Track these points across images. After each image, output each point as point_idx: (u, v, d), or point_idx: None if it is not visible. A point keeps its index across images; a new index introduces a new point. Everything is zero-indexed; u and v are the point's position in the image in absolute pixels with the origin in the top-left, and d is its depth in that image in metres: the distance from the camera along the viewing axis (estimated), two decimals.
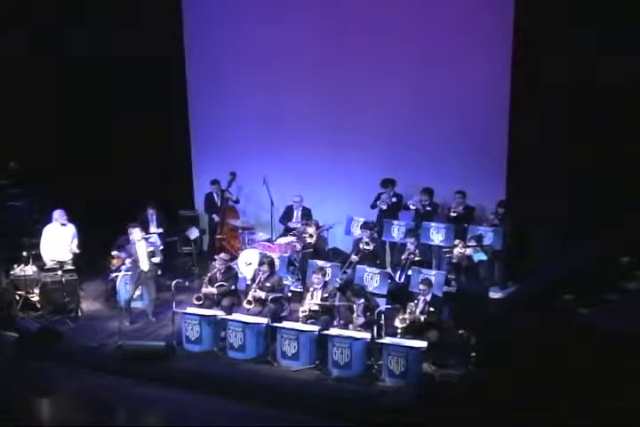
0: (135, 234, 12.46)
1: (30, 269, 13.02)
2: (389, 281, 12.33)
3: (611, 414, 8.56)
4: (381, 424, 9.87)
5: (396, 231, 13.56)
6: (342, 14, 14.21)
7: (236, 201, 15.06)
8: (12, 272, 12.97)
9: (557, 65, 12.47)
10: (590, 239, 11.69)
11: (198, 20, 15.48)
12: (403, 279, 12.45)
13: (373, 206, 13.93)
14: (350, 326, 11.13)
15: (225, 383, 10.77)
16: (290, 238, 13.89)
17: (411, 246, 12.63)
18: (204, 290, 12.00)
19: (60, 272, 12.71)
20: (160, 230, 14.15)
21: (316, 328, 11.10)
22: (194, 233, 14.48)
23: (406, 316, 10.95)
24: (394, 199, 13.83)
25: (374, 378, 10.67)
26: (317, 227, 13.55)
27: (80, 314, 12.78)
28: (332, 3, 14.35)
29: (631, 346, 9.01)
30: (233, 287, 12.13)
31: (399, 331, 10.86)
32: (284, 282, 12.47)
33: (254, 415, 10.13)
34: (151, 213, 14.25)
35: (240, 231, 14.64)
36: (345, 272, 12.71)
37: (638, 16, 11.85)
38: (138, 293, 12.57)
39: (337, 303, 11.39)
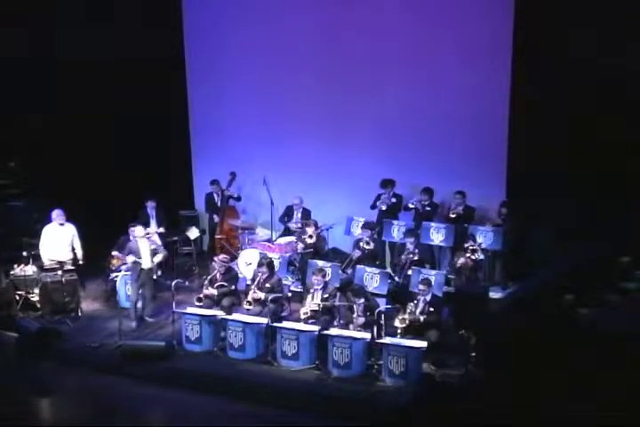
0: (137, 231, 12.43)
1: (30, 269, 13.02)
2: (389, 281, 12.34)
3: (610, 413, 8.57)
4: (381, 424, 9.87)
5: (396, 231, 13.56)
6: (343, 15, 14.20)
7: (238, 198, 15.03)
8: (12, 272, 12.97)
9: (558, 65, 12.49)
10: (590, 239, 11.71)
11: (198, 21, 15.48)
12: (402, 279, 12.46)
13: (373, 207, 13.93)
14: (351, 327, 11.12)
15: (225, 383, 10.77)
16: (290, 238, 13.90)
17: (410, 246, 12.64)
18: (205, 291, 11.99)
19: (60, 272, 12.71)
20: (161, 230, 14.12)
21: (316, 328, 11.09)
22: (194, 233, 14.48)
23: (406, 316, 10.94)
24: (393, 200, 13.83)
25: (374, 378, 10.65)
26: (316, 227, 13.55)
27: (80, 314, 12.78)
28: (333, 3, 14.34)
29: (631, 346, 9.02)
30: (233, 288, 12.12)
31: (399, 331, 10.86)
32: (284, 282, 12.47)
33: (254, 415, 10.13)
34: (151, 207, 14.20)
35: (240, 231, 14.65)
36: (344, 272, 12.71)
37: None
38: (139, 291, 12.53)
39: (337, 303, 11.39)
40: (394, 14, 13.89)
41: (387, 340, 10.71)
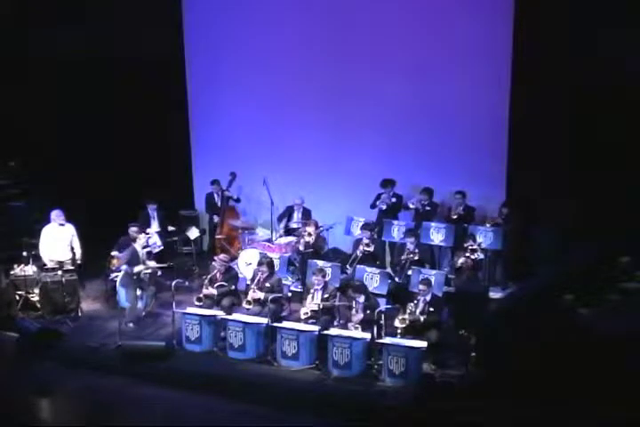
0: (140, 239, 12.40)
1: (30, 269, 13.02)
2: (389, 281, 12.34)
3: (610, 414, 8.57)
4: (381, 424, 9.87)
5: (396, 231, 13.56)
6: (344, 15, 14.19)
7: (237, 200, 15.05)
8: (12, 272, 12.97)
9: (558, 65, 12.48)
10: (591, 239, 11.70)
11: (198, 22, 15.47)
12: (402, 279, 12.46)
13: (373, 206, 13.94)
14: (349, 324, 11.12)
15: (225, 383, 10.77)
16: (290, 238, 13.90)
17: (411, 246, 12.64)
18: (204, 291, 11.99)
19: (60, 272, 12.71)
20: (171, 228, 14.14)
21: (316, 328, 11.10)
22: (194, 233, 14.48)
23: (406, 316, 10.94)
24: (393, 199, 13.84)
25: (374, 378, 10.66)
26: (316, 226, 13.55)
27: (80, 314, 12.78)
28: (333, 3, 14.34)
29: (631, 346, 9.01)
30: (233, 287, 12.12)
31: (399, 331, 10.86)
32: (284, 282, 12.47)
33: (254, 415, 10.12)
34: (152, 209, 14.21)
35: (240, 231, 14.64)
36: (350, 266, 12.71)
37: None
38: (138, 293, 12.52)
39: (337, 303, 11.39)
40: (394, 14, 13.89)
41: (387, 340, 10.71)
